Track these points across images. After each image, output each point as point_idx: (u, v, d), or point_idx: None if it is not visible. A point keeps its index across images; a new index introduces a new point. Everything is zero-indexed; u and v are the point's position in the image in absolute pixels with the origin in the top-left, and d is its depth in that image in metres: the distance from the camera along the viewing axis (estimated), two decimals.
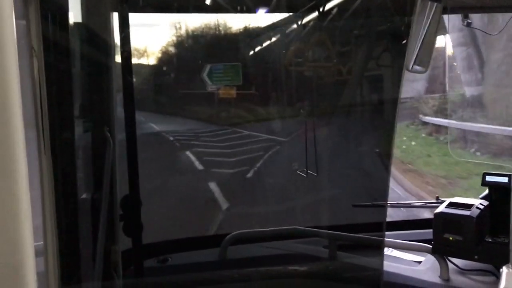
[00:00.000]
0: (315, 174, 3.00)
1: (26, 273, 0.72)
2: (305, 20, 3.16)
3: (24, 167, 0.69)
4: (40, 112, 0.92)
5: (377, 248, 2.35)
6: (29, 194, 0.75)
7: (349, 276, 2.48)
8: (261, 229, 2.77)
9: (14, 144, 0.65)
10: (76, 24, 1.93)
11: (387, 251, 2.51)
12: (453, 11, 2.49)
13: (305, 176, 3.05)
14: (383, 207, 2.45)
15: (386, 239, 2.49)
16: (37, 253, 0.92)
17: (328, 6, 2.82)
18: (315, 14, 2.93)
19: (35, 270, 0.77)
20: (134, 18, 2.35)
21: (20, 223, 0.69)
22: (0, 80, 0.62)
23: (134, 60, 2.49)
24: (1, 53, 0.61)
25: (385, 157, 2.38)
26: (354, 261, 2.50)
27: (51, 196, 0.95)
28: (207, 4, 2.76)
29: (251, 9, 3.14)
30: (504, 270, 0.72)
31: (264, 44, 4.19)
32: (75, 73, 1.85)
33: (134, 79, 2.48)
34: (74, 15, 1.85)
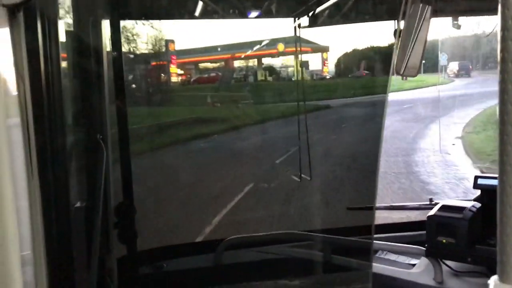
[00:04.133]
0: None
1: (12, 282, 0.72)
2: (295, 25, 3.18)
3: (9, 177, 0.69)
4: (26, 121, 0.92)
5: (367, 251, 2.36)
6: (15, 203, 0.75)
7: (340, 279, 2.49)
8: (256, 234, 2.77)
9: None
10: (66, 32, 1.94)
11: (382, 254, 2.52)
12: (443, 14, 2.51)
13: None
14: (373, 209, 2.46)
15: (380, 242, 2.50)
16: (26, 262, 0.92)
17: (319, 9, 2.83)
18: (306, 17, 2.95)
19: (21, 279, 0.77)
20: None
21: (5, 232, 0.70)
22: None
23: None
24: None
25: (373, 161, 2.40)
26: (345, 264, 2.51)
27: (39, 205, 0.95)
28: (196, 11, 2.77)
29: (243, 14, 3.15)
30: (492, 282, 0.72)
31: None
32: (67, 82, 1.85)
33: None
34: (64, 24, 1.86)
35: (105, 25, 2.34)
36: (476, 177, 2.31)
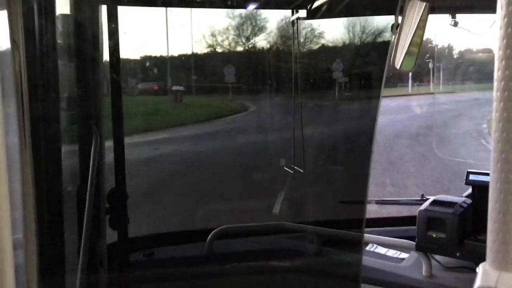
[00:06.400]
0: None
1: (3, 264, 0.72)
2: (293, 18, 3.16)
3: (3, 160, 0.69)
4: (21, 105, 0.92)
5: (357, 244, 2.38)
6: (7, 186, 0.74)
7: (330, 271, 2.50)
8: (248, 224, 2.78)
9: None
10: (62, 16, 1.92)
11: (372, 247, 2.54)
12: (440, 11, 2.51)
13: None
14: (364, 203, 2.48)
15: (370, 235, 2.52)
16: (18, 245, 0.92)
17: (316, 4, 2.82)
18: (303, 12, 2.93)
19: (12, 262, 0.77)
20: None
21: None
22: None
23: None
24: None
25: (366, 153, 2.40)
26: (335, 257, 2.53)
27: (32, 189, 0.95)
28: None
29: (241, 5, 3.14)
30: (480, 268, 0.72)
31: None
32: (61, 66, 1.84)
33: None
34: (61, 6, 1.84)
35: (102, 9, 2.32)
36: (468, 173, 2.33)
